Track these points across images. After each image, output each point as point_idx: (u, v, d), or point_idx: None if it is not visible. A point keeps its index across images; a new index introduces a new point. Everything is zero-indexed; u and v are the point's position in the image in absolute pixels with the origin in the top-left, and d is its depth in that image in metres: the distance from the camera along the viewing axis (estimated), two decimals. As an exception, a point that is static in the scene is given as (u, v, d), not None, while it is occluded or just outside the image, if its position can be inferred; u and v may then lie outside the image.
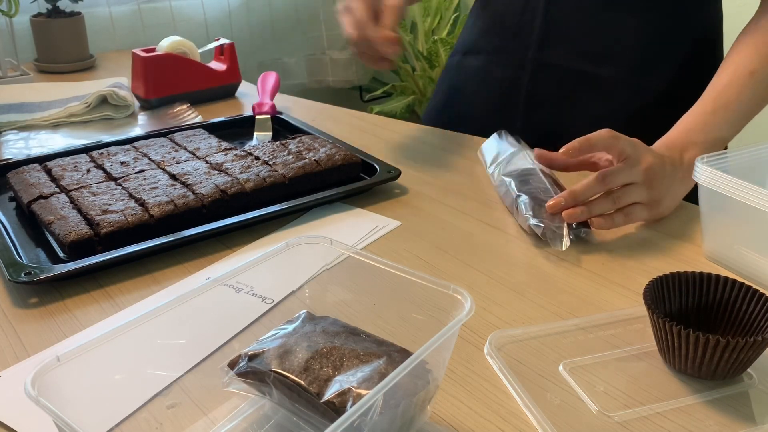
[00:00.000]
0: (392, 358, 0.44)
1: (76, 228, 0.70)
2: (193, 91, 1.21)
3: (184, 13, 1.90)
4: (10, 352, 0.57)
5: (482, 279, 0.67)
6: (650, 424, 0.49)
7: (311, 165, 0.85)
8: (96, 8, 1.72)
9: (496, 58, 1.04)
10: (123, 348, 0.44)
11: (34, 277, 0.64)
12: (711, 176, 0.64)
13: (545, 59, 0.99)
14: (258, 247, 0.73)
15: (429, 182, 0.88)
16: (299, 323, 0.49)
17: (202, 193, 0.77)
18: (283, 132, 1.06)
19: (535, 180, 0.78)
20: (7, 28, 1.42)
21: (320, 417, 0.43)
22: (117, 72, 1.41)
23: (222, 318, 0.54)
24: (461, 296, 0.46)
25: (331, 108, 1.20)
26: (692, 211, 0.79)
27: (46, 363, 0.40)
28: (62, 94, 1.21)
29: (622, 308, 0.62)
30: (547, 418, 0.49)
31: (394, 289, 0.50)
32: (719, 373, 0.52)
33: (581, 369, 0.54)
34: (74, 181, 0.82)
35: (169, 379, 0.50)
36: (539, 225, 0.71)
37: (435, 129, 1.07)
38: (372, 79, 2.47)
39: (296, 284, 0.57)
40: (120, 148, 0.92)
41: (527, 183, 0.78)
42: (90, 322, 0.61)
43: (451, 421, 0.50)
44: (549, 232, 0.71)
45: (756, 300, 0.54)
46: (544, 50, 0.99)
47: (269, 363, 0.45)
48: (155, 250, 0.70)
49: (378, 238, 0.75)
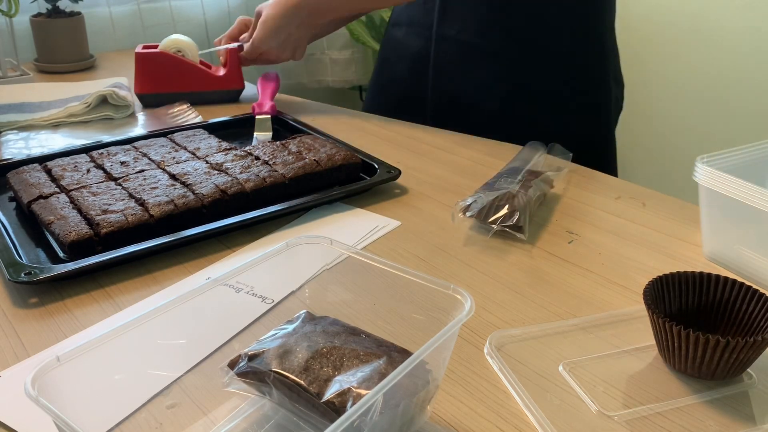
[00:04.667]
0: (392, 358, 0.44)
1: (76, 228, 0.70)
2: (194, 92, 1.21)
3: (184, 13, 1.90)
4: (10, 352, 0.57)
5: (482, 279, 0.67)
6: (650, 424, 0.49)
7: (311, 165, 0.85)
8: (96, 8, 1.72)
9: (410, 30, 1.16)
10: (123, 348, 0.44)
11: (34, 277, 0.64)
12: (711, 176, 0.64)
13: (445, 32, 1.10)
14: (258, 247, 0.73)
15: (429, 182, 0.88)
16: (299, 323, 0.49)
17: (202, 193, 0.77)
18: (283, 132, 1.06)
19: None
20: (7, 28, 1.42)
21: (320, 417, 0.43)
22: (117, 72, 1.40)
23: (222, 318, 0.54)
24: (461, 296, 0.46)
25: (331, 108, 1.20)
26: (692, 211, 0.79)
27: (46, 363, 0.40)
28: (62, 94, 1.21)
29: (622, 308, 0.62)
30: (547, 418, 0.49)
31: (394, 289, 0.50)
32: (719, 373, 0.52)
33: (581, 369, 0.54)
34: (74, 181, 0.82)
35: (169, 379, 0.50)
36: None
37: (435, 129, 1.07)
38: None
39: (296, 284, 0.57)
40: (120, 148, 0.92)
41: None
42: (90, 322, 0.61)
43: (451, 421, 0.50)
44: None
45: (756, 300, 0.54)
46: (444, 24, 1.10)
47: (269, 363, 0.45)
48: (155, 250, 0.70)
49: (378, 238, 0.75)
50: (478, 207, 0.75)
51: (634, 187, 0.87)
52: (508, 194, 0.76)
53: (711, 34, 1.93)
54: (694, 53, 2.02)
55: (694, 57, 2.03)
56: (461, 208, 0.76)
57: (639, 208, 0.81)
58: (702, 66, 2.02)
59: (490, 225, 0.74)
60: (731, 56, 1.95)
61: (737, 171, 0.64)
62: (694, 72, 2.04)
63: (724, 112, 2.02)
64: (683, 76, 2.08)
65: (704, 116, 2.05)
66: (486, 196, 0.77)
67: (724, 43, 1.95)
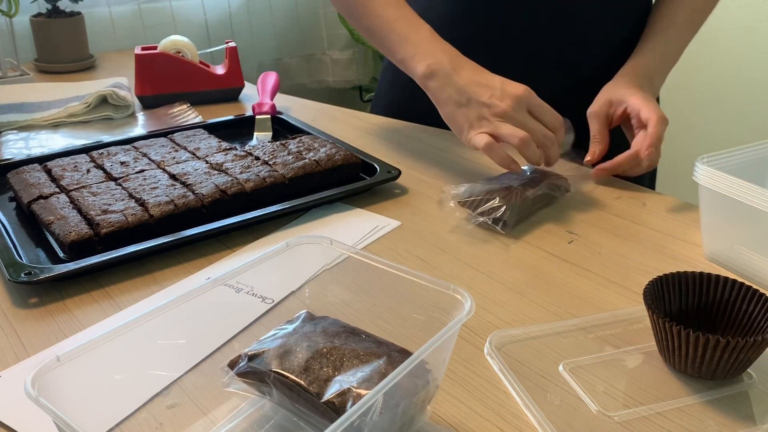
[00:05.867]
0: (392, 358, 0.44)
1: (76, 228, 0.70)
2: (193, 92, 1.21)
3: (184, 14, 1.90)
4: (10, 352, 0.57)
5: (482, 279, 0.67)
6: (650, 424, 0.49)
7: (311, 165, 0.85)
8: (96, 8, 1.72)
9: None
10: (123, 348, 0.44)
11: (34, 277, 0.64)
12: (711, 176, 0.64)
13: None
14: (258, 247, 0.73)
15: (429, 182, 0.88)
16: (299, 323, 0.49)
17: (202, 193, 0.77)
18: (283, 132, 1.06)
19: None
20: (7, 28, 1.42)
21: (320, 417, 0.43)
22: (117, 72, 1.41)
23: (222, 318, 0.54)
24: (461, 296, 0.46)
25: (331, 108, 1.20)
26: (692, 211, 0.79)
27: (46, 363, 0.40)
28: (62, 94, 1.21)
29: (622, 308, 0.62)
30: (547, 418, 0.49)
31: (394, 289, 0.50)
32: (719, 373, 0.52)
33: (581, 369, 0.54)
34: (74, 181, 0.82)
35: (169, 379, 0.50)
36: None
37: (435, 129, 1.07)
38: (372, 79, 2.47)
39: (296, 284, 0.57)
40: (120, 148, 0.92)
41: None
42: (90, 322, 0.61)
43: (451, 421, 0.50)
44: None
45: (756, 300, 0.54)
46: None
47: (269, 363, 0.45)
48: (155, 250, 0.70)
49: (378, 238, 0.75)
50: (466, 195, 0.75)
51: (634, 187, 0.87)
52: (504, 189, 0.76)
53: (711, 34, 1.93)
54: (694, 53, 2.01)
55: (694, 57, 2.03)
56: (451, 194, 0.76)
57: (639, 208, 0.81)
58: (702, 66, 2.02)
59: (476, 216, 0.75)
60: (731, 56, 1.95)
61: (737, 171, 0.64)
62: (694, 72, 2.04)
63: (724, 112, 2.02)
64: (683, 76, 2.08)
65: (704, 116, 2.05)
66: (481, 186, 0.77)
67: (724, 43, 1.95)
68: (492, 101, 0.79)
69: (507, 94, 0.79)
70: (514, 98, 0.79)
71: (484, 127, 0.79)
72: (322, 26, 2.23)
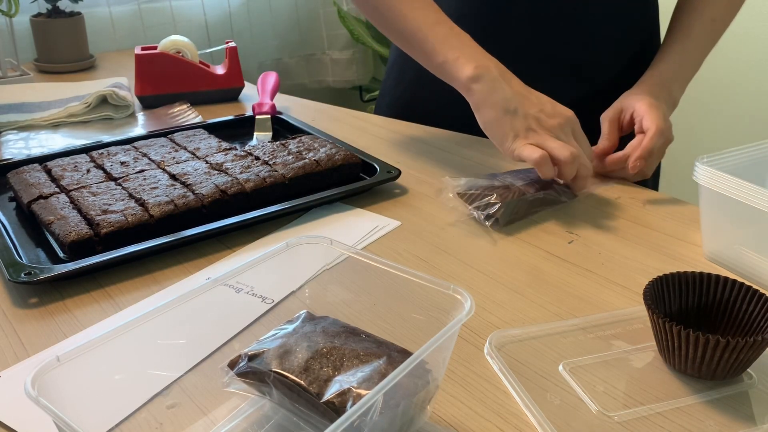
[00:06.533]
0: (392, 358, 0.44)
1: (76, 228, 0.70)
2: (193, 92, 1.21)
3: (184, 14, 1.90)
4: (10, 352, 0.57)
5: (482, 279, 0.67)
6: (650, 424, 0.49)
7: (311, 165, 0.85)
8: (96, 8, 1.72)
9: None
10: (123, 348, 0.44)
11: (34, 277, 0.64)
12: (711, 176, 0.64)
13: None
14: (258, 247, 0.73)
15: (429, 182, 0.88)
16: (299, 323, 0.49)
17: (202, 193, 0.77)
18: (283, 132, 1.06)
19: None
20: (7, 28, 1.42)
21: (320, 417, 0.43)
22: (117, 72, 1.41)
23: (222, 318, 0.54)
24: (461, 296, 0.46)
25: (331, 108, 1.20)
26: (692, 211, 0.79)
27: (46, 363, 0.40)
28: (62, 94, 1.21)
29: (622, 308, 0.62)
30: (547, 418, 0.49)
31: (394, 289, 0.50)
32: (719, 373, 0.52)
33: (581, 369, 0.54)
34: (74, 181, 0.82)
35: (169, 379, 0.50)
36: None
37: (435, 129, 1.07)
38: (372, 79, 2.47)
39: (296, 284, 0.57)
40: (120, 148, 0.92)
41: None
42: (90, 322, 0.61)
43: (451, 421, 0.50)
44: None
45: (756, 300, 0.54)
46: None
47: (269, 363, 0.45)
48: (155, 250, 0.70)
49: (378, 238, 0.75)
50: (465, 187, 0.76)
51: (634, 187, 0.87)
52: (504, 187, 0.77)
53: (711, 34, 1.93)
54: (694, 53, 2.01)
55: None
56: (451, 185, 0.76)
57: (639, 208, 0.81)
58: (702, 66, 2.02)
59: (471, 210, 0.76)
60: (731, 56, 1.95)
61: (737, 171, 0.64)
62: (694, 72, 2.03)
63: (724, 112, 2.02)
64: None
65: (704, 117, 2.05)
66: (482, 182, 0.77)
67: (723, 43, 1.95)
68: (541, 116, 0.79)
69: (558, 112, 0.80)
70: (565, 118, 0.79)
71: (531, 138, 0.78)
72: (322, 26, 2.23)
